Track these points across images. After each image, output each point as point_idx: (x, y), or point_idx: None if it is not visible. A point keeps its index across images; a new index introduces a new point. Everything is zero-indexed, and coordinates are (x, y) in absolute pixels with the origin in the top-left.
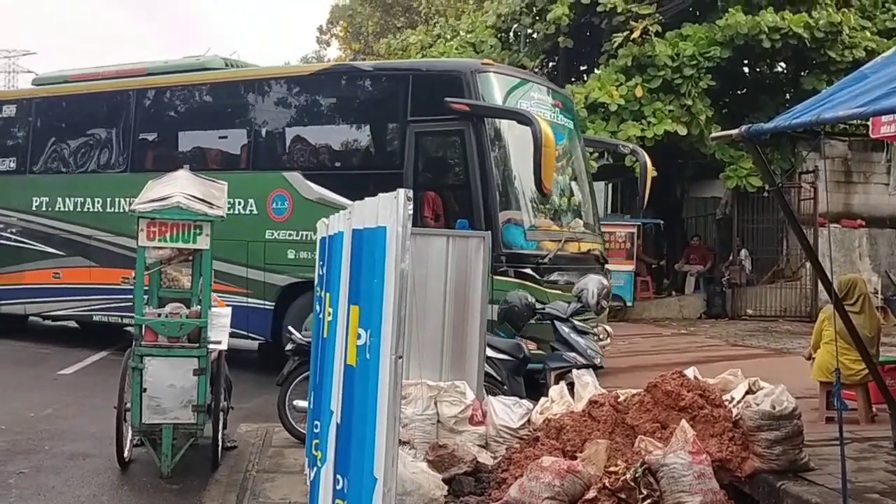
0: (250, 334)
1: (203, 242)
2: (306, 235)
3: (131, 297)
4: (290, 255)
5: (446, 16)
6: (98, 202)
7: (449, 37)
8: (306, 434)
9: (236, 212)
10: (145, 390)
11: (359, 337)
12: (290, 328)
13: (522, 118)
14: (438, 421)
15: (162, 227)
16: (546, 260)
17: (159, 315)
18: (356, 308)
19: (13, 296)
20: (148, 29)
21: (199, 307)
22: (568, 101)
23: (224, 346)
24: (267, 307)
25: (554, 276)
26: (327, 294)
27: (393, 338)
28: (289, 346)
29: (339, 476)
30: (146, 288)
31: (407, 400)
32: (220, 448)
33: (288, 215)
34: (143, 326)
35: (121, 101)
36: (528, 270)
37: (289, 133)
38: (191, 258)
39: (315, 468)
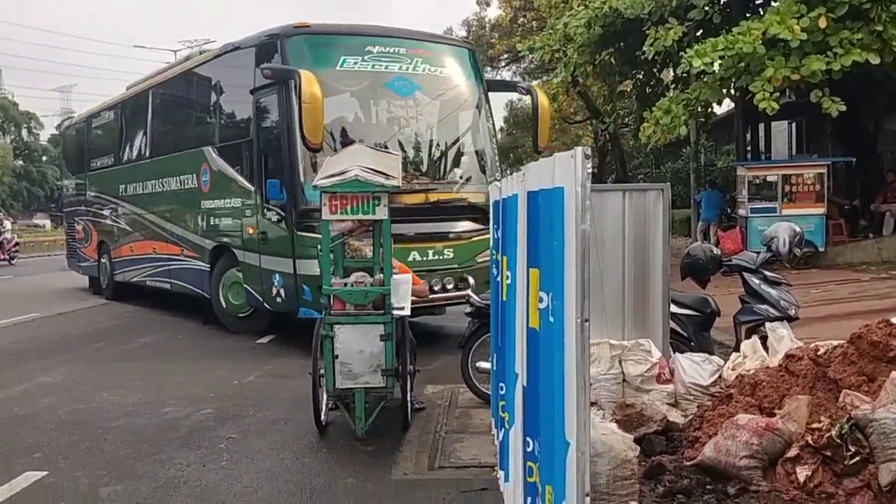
0: (204, 293)
1: (381, 213)
2: (217, 203)
3: (161, 265)
4: (213, 221)
5: None
6: (139, 186)
7: None
8: (491, 395)
9: (189, 186)
10: (337, 357)
11: (540, 300)
12: (468, 292)
13: (288, 75)
14: (624, 380)
15: (343, 201)
16: None
17: (345, 284)
18: (536, 271)
19: (119, 267)
20: (318, 4)
21: (381, 275)
22: (443, 49)
23: (407, 312)
24: (206, 268)
25: None
26: (504, 257)
27: (577, 300)
28: (468, 309)
29: (528, 439)
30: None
31: (590, 360)
32: (409, 410)
33: (210, 187)
34: (332, 296)
35: (143, 101)
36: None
37: (208, 113)
38: (371, 229)
39: (503, 430)
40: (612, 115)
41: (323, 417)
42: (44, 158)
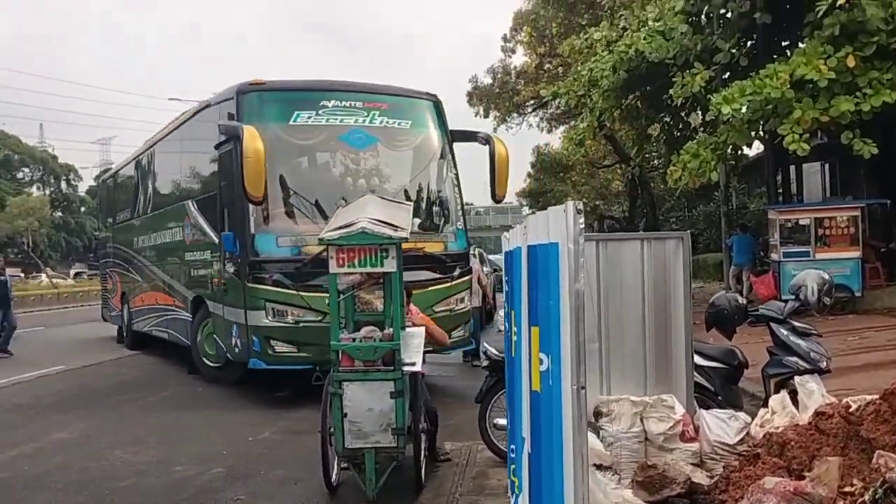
0: (189, 342)
1: (390, 265)
2: (195, 255)
3: (160, 315)
4: (192, 273)
5: (632, 7)
6: (146, 239)
7: (635, 28)
8: (507, 454)
9: (177, 238)
10: (346, 415)
11: (541, 362)
12: (485, 343)
13: (235, 131)
14: (646, 438)
15: (350, 253)
16: (302, 265)
17: (354, 339)
18: (537, 330)
19: (135, 317)
20: (353, 60)
21: (391, 329)
22: (404, 102)
23: (418, 368)
24: (189, 318)
25: (319, 281)
26: (512, 311)
27: (573, 365)
28: (485, 363)
29: None
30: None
31: (610, 417)
32: (422, 470)
33: (190, 239)
34: (340, 352)
35: (148, 157)
36: (277, 276)
37: (189, 168)
38: (381, 281)
39: (514, 495)
40: (638, 158)
41: (333, 478)
42: (82, 209)
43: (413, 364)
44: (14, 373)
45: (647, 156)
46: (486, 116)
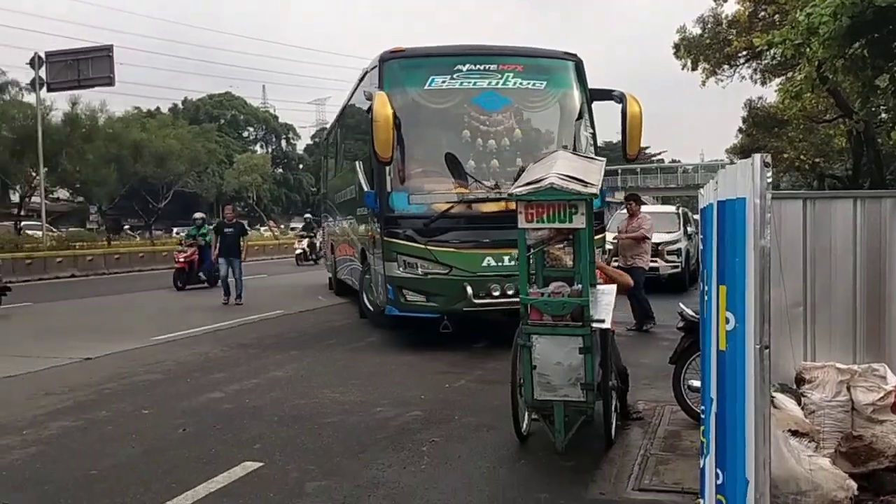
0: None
1: (579, 221)
2: (362, 211)
3: (348, 264)
4: (361, 227)
5: None
6: (340, 195)
7: None
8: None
9: (354, 195)
10: (535, 367)
11: (727, 321)
12: (680, 304)
13: (370, 96)
14: (853, 409)
15: (539, 209)
16: (431, 221)
17: (542, 294)
18: (724, 288)
19: (338, 265)
20: (553, 18)
21: (580, 286)
22: (539, 63)
23: (608, 325)
24: (360, 267)
25: (446, 236)
26: (704, 270)
27: (756, 325)
28: (680, 324)
29: (718, 470)
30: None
31: (813, 384)
32: (612, 427)
33: (359, 196)
34: (529, 305)
35: (341, 119)
36: (409, 231)
37: (360, 130)
38: (570, 237)
39: (703, 456)
40: (863, 112)
41: (524, 427)
42: (300, 167)
43: (602, 321)
44: (239, 315)
45: (873, 110)
46: (693, 69)
